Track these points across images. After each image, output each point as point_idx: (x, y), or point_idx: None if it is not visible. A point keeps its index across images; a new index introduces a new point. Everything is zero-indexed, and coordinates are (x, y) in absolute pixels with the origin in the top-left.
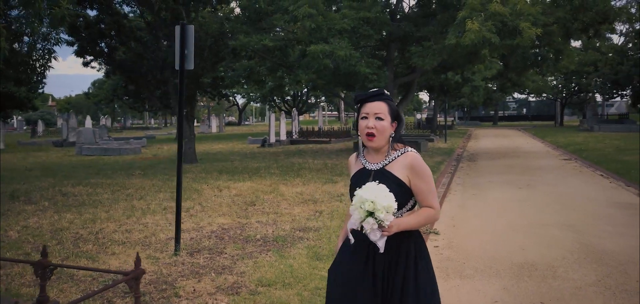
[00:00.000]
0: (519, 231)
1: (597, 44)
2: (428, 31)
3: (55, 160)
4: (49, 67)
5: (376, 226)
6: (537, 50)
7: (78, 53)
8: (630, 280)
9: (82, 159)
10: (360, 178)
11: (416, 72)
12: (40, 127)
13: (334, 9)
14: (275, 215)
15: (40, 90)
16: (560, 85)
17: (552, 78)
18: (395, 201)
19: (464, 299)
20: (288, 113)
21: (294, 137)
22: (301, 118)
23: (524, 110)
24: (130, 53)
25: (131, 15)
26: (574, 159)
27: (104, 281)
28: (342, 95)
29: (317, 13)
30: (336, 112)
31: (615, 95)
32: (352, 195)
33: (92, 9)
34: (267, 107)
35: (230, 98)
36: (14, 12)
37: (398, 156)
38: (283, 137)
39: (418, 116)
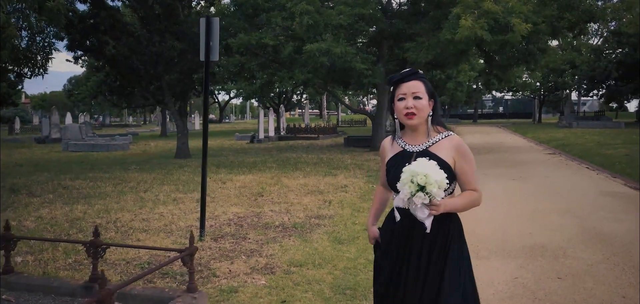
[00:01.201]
0: (522, 218)
1: (574, 43)
2: (420, 28)
3: (42, 156)
4: (51, 59)
5: (427, 200)
6: (525, 46)
7: (69, 48)
8: (633, 258)
9: (70, 155)
10: (401, 160)
11: (406, 68)
12: (17, 124)
13: (329, 5)
14: (286, 205)
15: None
16: (538, 83)
17: (530, 75)
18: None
19: (486, 277)
20: (275, 110)
21: (281, 134)
22: (286, 115)
23: (501, 108)
24: (124, 48)
25: (121, 8)
26: (558, 153)
27: (140, 265)
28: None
29: (313, 9)
30: (318, 110)
31: (590, 94)
32: (392, 177)
33: (83, 2)
34: (256, 103)
35: (213, 95)
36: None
37: (442, 138)
38: (271, 133)
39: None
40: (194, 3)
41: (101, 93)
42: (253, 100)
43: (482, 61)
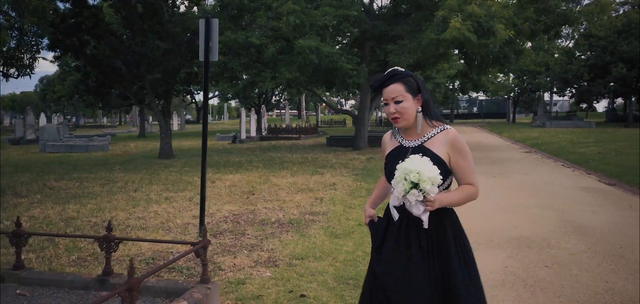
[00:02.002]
0: (506, 212)
1: (546, 46)
2: (402, 30)
3: (20, 158)
4: (38, 58)
5: (421, 198)
6: (501, 49)
7: (51, 47)
8: (614, 247)
9: (48, 156)
10: (398, 155)
11: (387, 68)
12: None
13: (313, 6)
14: (279, 202)
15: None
16: (513, 84)
17: (505, 77)
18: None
19: (478, 267)
20: (256, 111)
21: (263, 134)
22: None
23: (475, 108)
24: (106, 48)
25: (103, 8)
26: (534, 152)
27: (144, 260)
28: (321, 94)
29: (299, 9)
30: (296, 111)
31: (563, 94)
32: (388, 173)
33: (64, 1)
34: (234, 104)
35: (189, 96)
36: None
37: (437, 133)
38: (253, 133)
39: (379, 114)
40: (178, 2)
41: (78, 94)
42: (231, 101)
43: (461, 61)
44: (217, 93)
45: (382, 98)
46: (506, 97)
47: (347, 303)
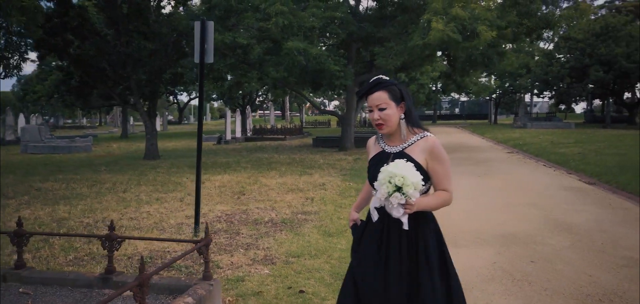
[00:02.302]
0: (493, 210)
1: (526, 48)
2: (388, 32)
3: (1, 159)
4: (26, 59)
5: (403, 201)
6: (485, 51)
7: (35, 47)
8: (595, 243)
9: (30, 157)
10: (380, 160)
11: (373, 71)
12: None
13: (300, 7)
14: (270, 202)
15: None
16: (495, 86)
17: (487, 79)
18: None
19: (467, 263)
20: (241, 112)
21: (248, 135)
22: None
23: (457, 109)
24: (91, 48)
25: (88, 8)
26: (516, 152)
27: (145, 259)
28: (307, 95)
29: (287, 10)
30: (280, 111)
31: (543, 96)
32: (371, 176)
33: (48, 0)
34: (216, 105)
35: (171, 96)
36: None
37: (417, 140)
38: (238, 134)
39: (363, 114)
40: (163, 3)
41: (59, 94)
42: (214, 102)
43: (445, 63)
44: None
45: (366, 105)
46: (488, 98)
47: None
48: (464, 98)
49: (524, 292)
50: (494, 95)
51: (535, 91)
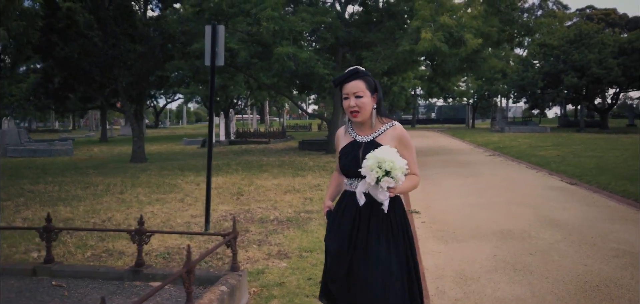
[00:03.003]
0: (484, 209)
1: (502, 54)
2: (374, 37)
3: None
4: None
5: (392, 184)
6: (469, 56)
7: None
8: (586, 237)
9: (11, 160)
10: (352, 149)
11: None
12: None
13: (289, 12)
14: (271, 202)
15: None
16: (472, 91)
17: (470, 83)
18: None
19: (470, 256)
20: (226, 115)
21: (232, 138)
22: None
23: (433, 114)
24: (80, 49)
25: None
26: (497, 155)
27: (161, 254)
28: (286, 100)
29: (278, 16)
30: (258, 115)
31: (519, 101)
32: (345, 164)
33: (34, 2)
34: (192, 108)
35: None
36: None
37: (386, 129)
38: (222, 137)
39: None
40: (150, 6)
41: (37, 96)
42: (190, 105)
43: (428, 68)
44: (178, 96)
45: (343, 93)
46: (465, 102)
47: None
48: (440, 103)
49: (527, 280)
50: (471, 100)
51: (511, 96)
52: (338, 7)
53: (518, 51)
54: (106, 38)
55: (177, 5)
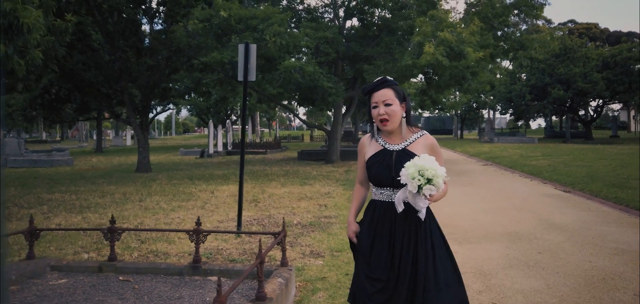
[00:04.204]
0: (489, 214)
1: (489, 67)
2: (373, 51)
3: None
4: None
5: (434, 191)
6: (461, 70)
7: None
8: (587, 238)
9: (14, 171)
10: (383, 157)
11: (356, 87)
12: None
13: (291, 27)
14: (288, 208)
15: None
16: (462, 103)
17: (460, 95)
18: None
19: (485, 254)
20: (223, 126)
21: (229, 149)
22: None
23: (420, 124)
24: (87, 62)
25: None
26: (490, 164)
27: (205, 254)
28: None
29: (284, 31)
30: (249, 126)
31: (506, 112)
32: (375, 172)
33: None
34: (180, 117)
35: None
36: None
37: (418, 137)
38: (220, 148)
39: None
40: (155, 21)
41: (34, 108)
42: (179, 115)
43: (422, 81)
44: (169, 107)
45: (372, 101)
46: (454, 113)
47: None
48: (426, 114)
49: (540, 275)
50: (459, 111)
51: (499, 108)
52: (337, 22)
53: (505, 64)
54: (114, 51)
55: (181, 22)
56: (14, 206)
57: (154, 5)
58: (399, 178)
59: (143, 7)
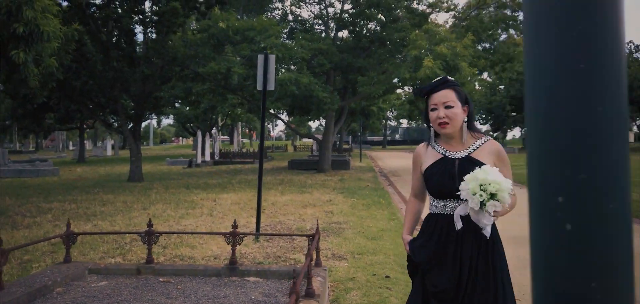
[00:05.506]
0: None
1: (469, 79)
2: (366, 63)
3: None
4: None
5: (499, 207)
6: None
7: None
8: None
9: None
10: (444, 166)
11: (346, 97)
12: None
13: (284, 37)
14: (296, 215)
15: None
16: None
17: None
18: None
19: None
20: (203, 135)
21: (216, 158)
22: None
23: (397, 135)
24: (83, 71)
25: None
26: None
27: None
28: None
29: (281, 43)
30: (227, 137)
31: (486, 122)
32: (434, 184)
33: None
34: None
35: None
36: None
37: (482, 144)
38: (207, 157)
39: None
40: (148, 30)
41: (16, 118)
42: (155, 124)
43: (409, 90)
44: (151, 116)
45: (430, 103)
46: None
47: None
48: (405, 125)
49: None
50: None
51: (478, 119)
52: (329, 34)
53: (484, 75)
54: (107, 61)
55: (178, 31)
56: (16, 216)
57: (149, 14)
58: (458, 192)
59: (139, 17)
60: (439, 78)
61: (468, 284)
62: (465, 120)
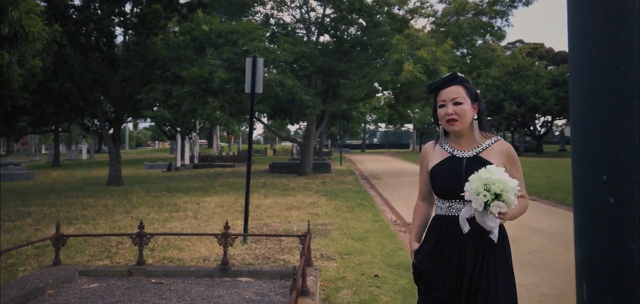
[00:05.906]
0: None
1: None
2: (347, 66)
3: None
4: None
5: (505, 209)
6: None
7: None
8: (567, 239)
9: None
10: (452, 165)
11: (328, 101)
12: None
13: (266, 41)
14: (281, 217)
15: None
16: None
17: (418, 111)
18: None
19: None
20: (181, 138)
21: (195, 162)
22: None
23: (375, 139)
24: (62, 73)
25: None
26: None
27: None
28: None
29: (264, 47)
30: (206, 140)
31: None
32: (441, 182)
33: None
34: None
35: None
36: None
37: (492, 143)
38: (186, 161)
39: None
40: (130, 32)
41: None
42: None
43: (387, 94)
44: (128, 119)
45: (439, 100)
46: (408, 128)
47: (410, 278)
48: (383, 129)
49: (536, 271)
50: (417, 126)
51: None
52: (310, 38)
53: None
54: (86, 62)
55: (159, 34)
56: None
57: (129, 16)
58: (463, 193)
59: (119, 19)
60: (448, 74)
61: (470, 290)
62: (475, 117)
